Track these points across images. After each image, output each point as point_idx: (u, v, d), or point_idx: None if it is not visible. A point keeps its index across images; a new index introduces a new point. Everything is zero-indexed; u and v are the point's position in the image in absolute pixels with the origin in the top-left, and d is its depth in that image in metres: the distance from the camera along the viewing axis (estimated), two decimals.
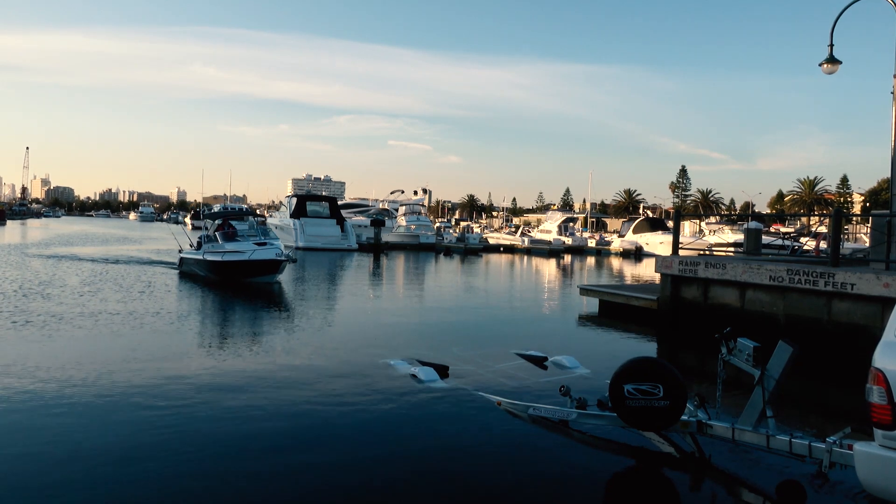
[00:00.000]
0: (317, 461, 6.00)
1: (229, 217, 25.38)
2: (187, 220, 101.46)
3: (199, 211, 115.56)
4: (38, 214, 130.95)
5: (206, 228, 24.08)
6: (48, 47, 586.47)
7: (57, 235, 52.75)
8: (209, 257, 21.37)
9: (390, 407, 7.73)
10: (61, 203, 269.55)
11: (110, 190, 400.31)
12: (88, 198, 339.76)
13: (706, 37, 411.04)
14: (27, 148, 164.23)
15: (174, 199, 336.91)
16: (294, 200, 49.19)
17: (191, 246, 24.29)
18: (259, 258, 20.31)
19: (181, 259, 24.52)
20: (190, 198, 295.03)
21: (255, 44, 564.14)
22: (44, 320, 12.71)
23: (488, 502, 5.32)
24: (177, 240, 28.24)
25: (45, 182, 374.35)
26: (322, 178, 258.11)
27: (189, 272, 23.05)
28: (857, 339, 10.35)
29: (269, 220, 59.22)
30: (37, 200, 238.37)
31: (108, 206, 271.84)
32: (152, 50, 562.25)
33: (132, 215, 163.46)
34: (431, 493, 5.43)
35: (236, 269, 20.64)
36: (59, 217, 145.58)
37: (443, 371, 9.19)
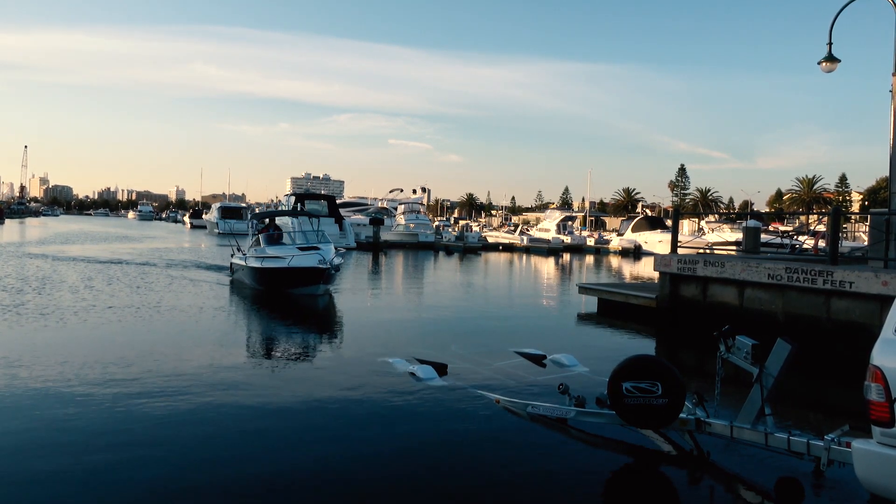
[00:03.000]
0: (313, 460, 6.00)
1: (277, 217, 22.76)
2: (186, 218, 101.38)
3: (197, 210, 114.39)
4: (36, 213, 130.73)
5: (253, 230, 21.65)
6: (48, 46, 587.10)
7: (58, 234, 52.66)
8: (251, 263, 19.07)
9: (388, 405, 7.73)
10: (60, 202, 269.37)
11: (109, 189, 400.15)
12: (87, 196, 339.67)
13: (707, 36, 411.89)
14: (25, 146, 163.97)
15: (173, 197, 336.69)
16: (292, 199, 49.16)
17: (238, 250, 21.75)
18: (297, 265, 17.63)
19: (232, 265, 22.18)
20: (189, 196, 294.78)
21: (256, 42, 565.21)
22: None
23: (487, 500, 5.32)
24: (229, 244, 24.41)
25: (43, 181, 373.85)
26: (321, 176, 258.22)
27: (239, 280, 20.70)
28: (856, 336, 10.36)
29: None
30: (35, 199, 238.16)
31: (107, 204, 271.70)
32: (153, 48, 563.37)
33: (131, 214, 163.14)
34: (430, 491, 5.43)
35: (276, 277, 18.12)
36: (57, 216, 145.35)
37: (441, 369, 9.19)
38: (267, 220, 21.94)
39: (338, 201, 54.12)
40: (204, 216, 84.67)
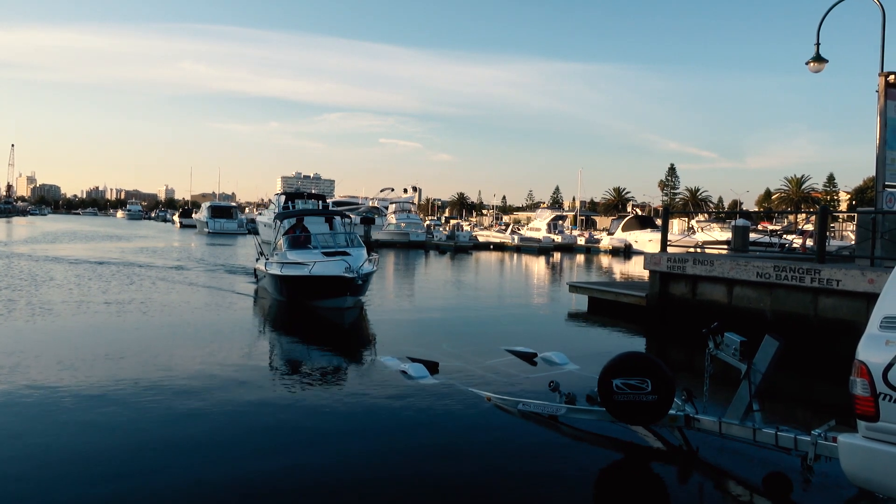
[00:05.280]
0: (306, 459, 6.00)
1: (306, 216, 20.19)
2: (175, 217, 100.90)
3: (187, 209, 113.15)
4: (24, 212, 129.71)
5: (276, 232, 19.14)
6: (36, 43, 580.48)
7: (46, 233, 52.26)
8: (271, 270, 16.84)
9: (380, 403, 7.74)
10: (47, 201, 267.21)
11: (97, 188, 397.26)
12: (75, 195, 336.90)
13: (698, 36, 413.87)
14: (12, 145, 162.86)
15: (162, 196, 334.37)
16: (283, 198, 49.00)
17: (262, 254, 19.59)
18: (320, 273, 14.91)
19: (255, 271, 20.06)
20: (178, 195, 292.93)
21: (246, 41, 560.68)
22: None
23: (478, 498, 5.34)
24: (255, 247, 21.27)
25: (30, 180, 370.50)
26: (311, 175, 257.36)
27: (263, 288, 18.46)
28: (843, 334, 10.45)
29: (257, 218, 59.02)
30: (22, 198, 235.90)
31: (96, 203, 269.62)
32: (142, 46, 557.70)
33: (120, 213, 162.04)
34: (421, 488, 5.45)
35: (296, 287, 15.66)
36: (45, 215, 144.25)
37: (432, 367, 9.21)
38: (294, 220, 19.34)
39: (328, 200, 53.95)
40: (194, 215, 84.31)
